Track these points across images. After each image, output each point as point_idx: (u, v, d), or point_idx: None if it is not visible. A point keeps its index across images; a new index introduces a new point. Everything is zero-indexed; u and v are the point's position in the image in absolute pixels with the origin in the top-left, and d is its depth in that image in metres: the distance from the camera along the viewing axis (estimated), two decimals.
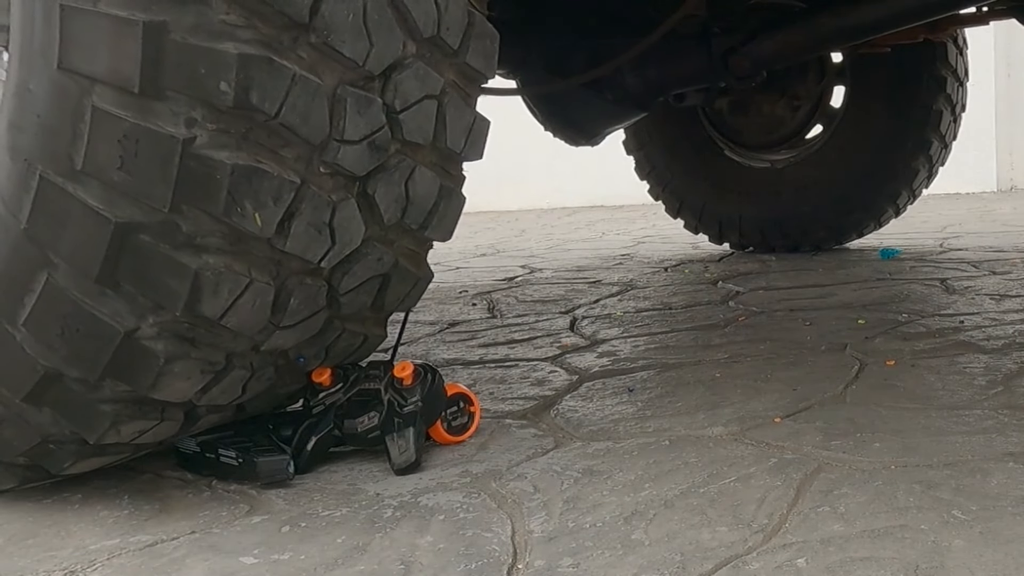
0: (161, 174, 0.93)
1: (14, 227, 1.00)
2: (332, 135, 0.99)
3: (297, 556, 0.99)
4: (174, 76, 0.91)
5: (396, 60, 1.03)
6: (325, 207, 1.02)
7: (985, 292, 2.46)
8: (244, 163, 0.95)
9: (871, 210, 3.48)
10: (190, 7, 0.90)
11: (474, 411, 1.33)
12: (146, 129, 0.92)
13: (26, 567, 1.00)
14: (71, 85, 0.93)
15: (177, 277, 0.98)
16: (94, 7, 0.91)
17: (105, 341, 1.00)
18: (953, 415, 1.34)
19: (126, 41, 0.90)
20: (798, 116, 3.54)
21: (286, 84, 0.94)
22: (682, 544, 0.96)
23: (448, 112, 1.10)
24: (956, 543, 0.92)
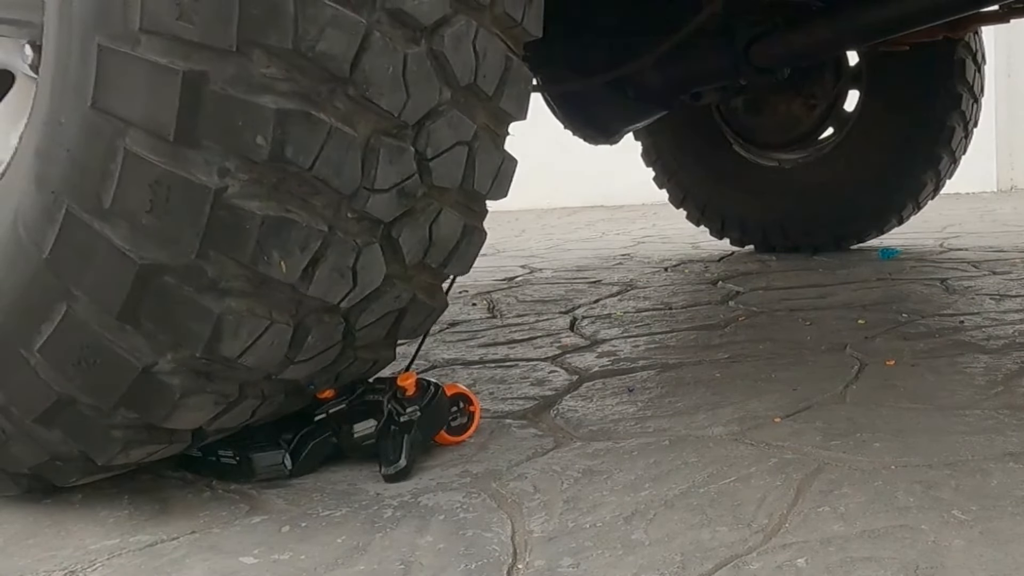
0: (191, 221, 0.93)
1: (35, 256, 0.99)
2: (363, 184, 0.98)
3: (297, 556, 0.99)
4: (211, 126, 0.90)
5: (431, 109, 1.02)
6: (350, 252, 1.01)
7: (985, 292, 2.46)
8: (274, 214, 0.94)
9: (875, 218, 3.48)
10: (231, 59, 0.89)
11: (474, 411, 1.33)
12: (179, 177, 0.91)
13: (26, 567, 1.00)
14: (104, 125, 0.92)
15: (199, 320, 0.97)
16: (133, 51, 0.90)
17: (122, 374, 1.00)
18: (953, 415, 1.34)
19: (165, 88, 0.89)
20: (811, 117, 3.52)
21: (322, 138, 0.93)
22: (682, 544, 0.96)
23: (478, 156, 1.09)
24: (956, 543, 0.92)
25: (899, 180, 3.35)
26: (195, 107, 0.90)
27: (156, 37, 0.89)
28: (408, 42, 0.97)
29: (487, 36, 1.05)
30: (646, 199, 8.50)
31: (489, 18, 1.05)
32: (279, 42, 0.89)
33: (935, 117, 3.23)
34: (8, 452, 1.10)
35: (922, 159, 3.30)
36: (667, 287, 2.94)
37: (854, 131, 3.39)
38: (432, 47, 0.99)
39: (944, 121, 3.23)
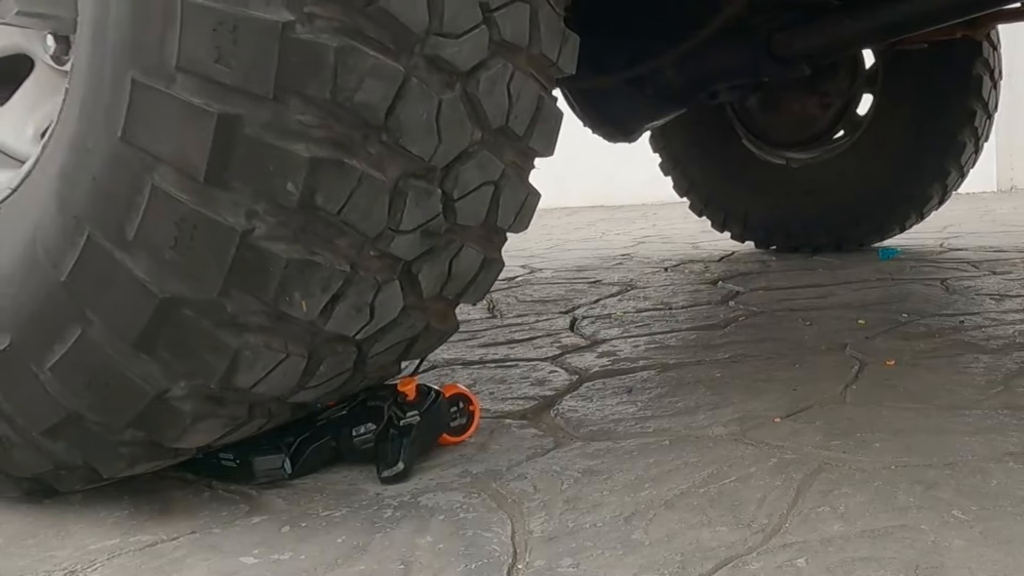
0: (215, 260, 0.92)
1: (52, 276, 0.98)
2: (388, 225, 0.98)
3: (297, 556, 0.99)
4: (242, 170, 0.89)
5: (462, 152, 1.01)
6: (370, 289, 1.01)
7: (985, 292, 2.46)
8: (299, 257, 0.94)
9: (878, 224, 3.47)
10: (267, 105, 0.88)
11: (474, 411, 1.33)
12: (206, 216, 0.91)
13: (26, 567, 1.00)
14: (133, 158, 0.91)
15: (216, 353, 0.97)
16: (167, 88, 0.88)
17: (134, 398, 1.00)
18: (953, 415, 1.34)
19: (197, 129, 0.88)
20: (825, 117, 3.50)
21: (352, 185, 0.93)
22: (682, 544, 0.96)
23: (503, 194, 1.09)
24: (956, 543, 0.92)
25: (905, 190, 3.34)
26: (227, 150, 0.88)
27: (192, 77, 0.88)
28: (444, 87, 0.96)
29: (522, 78, 1.03)
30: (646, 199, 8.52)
31: (525, 59, 1.04)
32: (317, 91, 0.88)
33: (947, 131, 3.21)
34: (11, 458, 1.10)
35: (930, 171, 3.29)
36: (667, 287, 2.94)
37: (865, 136, 3.38)
38: (467, 90, 0.98)
39: (956, 136, 3.21)
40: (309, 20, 0.87)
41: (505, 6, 0.99)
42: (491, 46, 0.99)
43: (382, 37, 0.90)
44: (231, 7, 0.86)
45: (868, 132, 3.38)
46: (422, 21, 0.92)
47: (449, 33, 0.94)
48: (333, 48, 0.87)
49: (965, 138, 3.23)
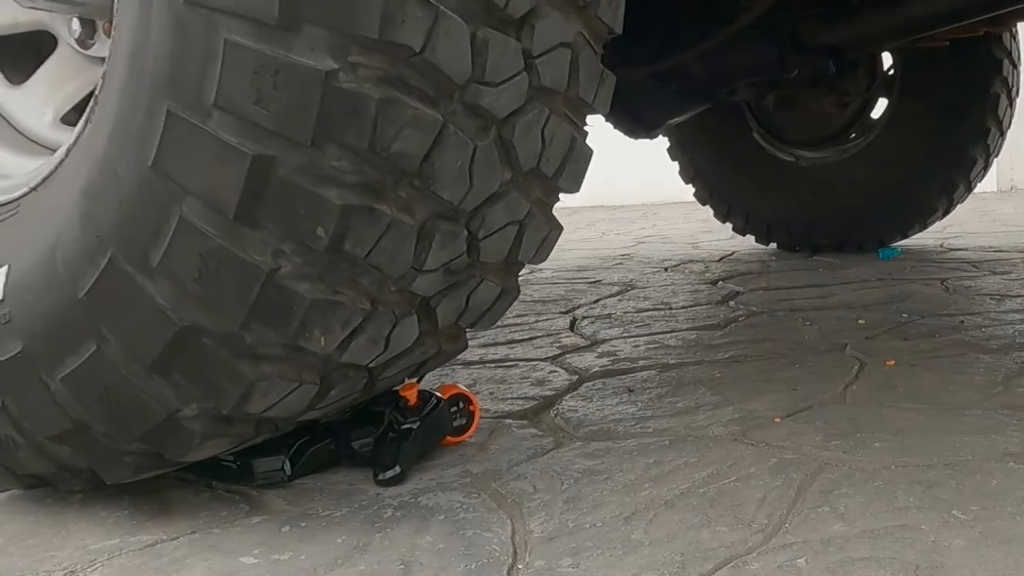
0: (238, 296, 0.92)
1: (70, 291, 0.98)
2: (413, 265, 0.97)
3: (297, 556, 0.99)
4: (272, 210, 0.89)
5: (491, 195, 1.01)
6: (388, 323, 1.01)
7: (985, 292, 2.46)
8: (322, 297, 0.93)
9: (879, 230, 3.47)
10: (303, 150, 0.87)
11: (474, 411, 1.33)
12: (232, 253, 0.90)
13: (26, 567, 1.00)
14: (162, 189, 0.90)
15: (232, 382, 0.97)
16: (203, 124, 0.87)
17: (144, 417, 1.00)
18: (953, 415, 1.34)
19: (231, 168, 0.87)
20: (839, 118, 3.49)
21: (381, 230, 0.92)
22: (682, 544, 0.96)
23: (527, 231, 1.08)
24: (956, 543, 0.92)
25: (911, 198, 3.34)
26: (259, 190, 0.88)
27: (229, 115, 0.87)
28: (479, 133, 0.95)
29: (557, 121, 1.03)
30: (647, 199, 8.52)
31: (561, 102, 1.03)
32: (355, 141, 0.87)
33: (960, 146, 3.21)
34: (15, 458, 1.10)
35: (939, 183, 3.29)
36: (667, 287, 2.94)
37: (876, 141, 3.37)
38: (502, 135, 0.97)
39: (967, 151, 3.21)
40: (353, 69, 0.85)
41: (547, 52, 0.98)
42: (530, 91, 0.98)
43: (423, 86, 0.88)
44: (275, 51, 0.84)
45: (880, 137, 3.37)
46: (465, 71, 0.90)
47: (490, 82, 0.93)
48: (375, 100, 0.86)
49: (977, 154, 3.22)
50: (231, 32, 0.85)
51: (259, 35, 0.85)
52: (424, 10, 0.85)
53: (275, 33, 0.84)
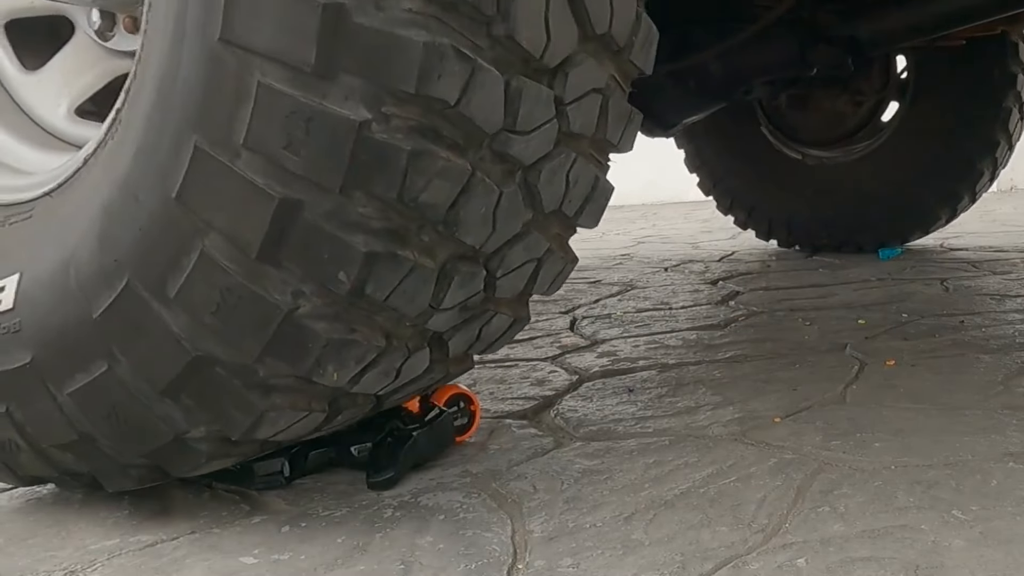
0: (255, 333, 0.92)
1: (84, 309, 0.97)
2: (430, 304, 0.97)
3: (297, 556, 0.99)
4: (295, 253, 0.88)
5: (513, 236, 1.00)
6: (400, 357, 1.01)
7: (985, 292, 2.46)
8: (339, 336, 0.93)
9: (881, 233, 3.46)
10: (331, 196, 0.86)
11: (474, 411, 1.33)
12: (252, 291, 0.90)
13: (26, 567, 1.00)
14: (185, 221, 0.90)
15: (243, 411, 0.97)
16: (231, 163, 0.86)
17: (151, 436, 1.00)
18: (953, 415, 1.34)
19: (256, 208, 0.87)
20: (851, 118, 3.48)
21: (402, 275, 0.92)
22: (682, 544, 0.96)
23: (544, 267, 1.08)
24: (956, 543, 0.92)
25: (916, 205, 3.34)
26: (283, 232, 0.87)
27: (258, 157, 0.86)
28: (505, 178, 0.94)
29: (582, 163, 1.02)
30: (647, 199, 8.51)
31: (588, 145, 1.03)
32: (384, 190, 0.87)
33: (968, 158, 3.21)
34: (17, 460, 1.10)
35: (944, 192, 3.29)
36: (667, 287, 2.94)
37: (886, 145, 3.37)
38: (527, 180, 0.97)
39: (976, 164, 3.21)
40: (386, 120, 0.84)
41: (579, 99, 0.97)
42: (558, 137, 0.97)
43: (454, 136, 0.88)
44: (309, 98, 0.83)
45: (888, 141, 3.36)
46: (497, 121, 0.89)
47: (521, 130, 0.92)
48: (407, 152, 0.85)
49: (984, 167, 3.22)
50: (265, 75, 0.84)
51: (294, 80, 0.83)
52: (462, 64, 0.84)
53: (310, 80, 0.83)
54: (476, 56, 0.85)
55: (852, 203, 3.42)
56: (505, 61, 0.88)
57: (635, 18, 1.01)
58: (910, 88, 3.31)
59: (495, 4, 0.85)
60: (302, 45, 0.82)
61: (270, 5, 0.83)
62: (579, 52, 0.95)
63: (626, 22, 0.99)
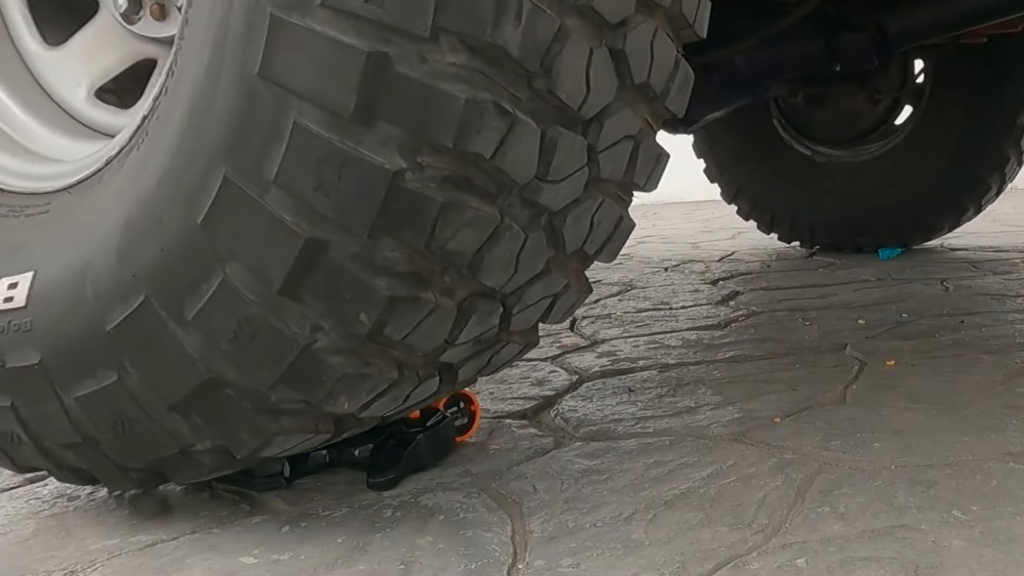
0: (270, 363, 0.91)
1: (98, 321, 0.96)
2: (445, 340, 0.97)
3: (297, 556, 0.99)
4: (317, 290, 0.88)
5: (533, 276, 1.00)
6: (411, 385, 1.01)
7: (985, 292, 2.46)
8: (354, 370, 0.93)
9: (881, 237, 3.46)
10: (358, 240, 0.85)
11: (474, 411, 1.33)
12: (270, 323, 0.89)
13: (26, 567, 1.00)
14: (207, 249, 0.89)
15: (252, 434, 0.97)
16: (260, 197, 0.86)
17: (156, 448, 1.00)
18: (953, 415, 1.34)
19: (282, 244, 0.86)
20: (866, 119, 3.47)
21: (422, 316, 0.92)
22: (682, 544, 0.96)
23: (560, 300, 1.09)
24: (956, 543, 0.92)
25: (920, 212, 3.33)
26: (307, 269, 0.87)
27: (287, 195, 0.85)
28: (531, 223, 0.94)
29: (609, 205, 1.02)
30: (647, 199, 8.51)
31: (615, 187, 1.02)
32: (412, 238, 0.86)
33: (977, 171, 3.20)
34: (17, 453, 1.10)
35: (950, 203, 3.29)
36: (667, 287, 2.94)
37: (896, 150, 3.36)
38: (552, 224, 0.97)
39: (983, 177, 3.21)
40: (420, 169, 0.84)
41: (611, 147, 0.96)
42: (588, 183, 0.97)
43: (486, 185, 0.87)
44: (344, 142, 0.83)
45: (900, 146, 3.36)
46: (530, 172, 0.89)
47: (552, 179, 0.91)
48: (439, 203, 0.85)
49: (992, 182, 3.23)
50: (302, 115, 0.83)
51: (331, 124, 0.82)
52: (501, 119, 0.84)
53: (347, 125, 0.82)
54: (515, 110, 0.84)
55: (857, 204, 3.42)
56: (543, 112, 0.87)
57: (674, 64, 1.00)
58: (925, 94, 3.30)
59: (539, 60, 0.84)
60: (343, 91, 0.81)
61: (313, 47, 0.82)
62: (616, 101, 0.94)
63: (665, 69, 0.98)
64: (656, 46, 0.95)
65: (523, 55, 0.83)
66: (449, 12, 0.80)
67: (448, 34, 0.81)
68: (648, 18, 0.93)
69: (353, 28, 0.80)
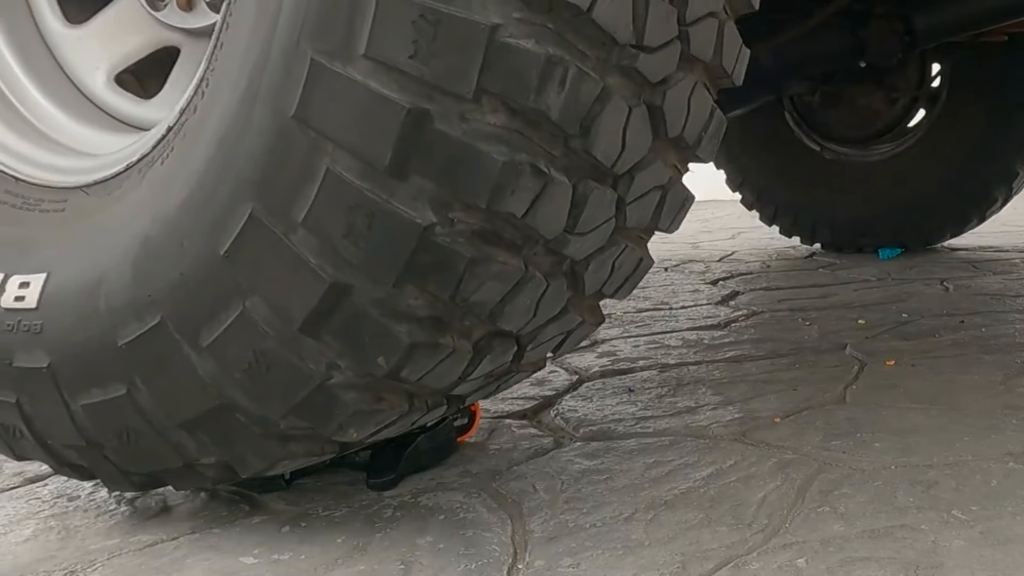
0: (283, 396, 0.91)
1: (109, 335, 0.96)
2: (459, 378, 0.98)
3: (297, 556, 0.99)
4: (337, 330, 0.88)
5: (550, 319, 1.00)
6: (419, 414, 1.02)
7: (985, 292, 2.46)
8: (367, 407, 0.94)
9: (883, 238, 3.46)
10: (383, 287, 0.85)
11: (474, 411, 1.33)
12: (287, 359, 0.89)
13: (26, 567, 1.00)
14: (229, 280, 0.88)
15: (259, 456, 0.98)
16: (285, 236, 0.85)
17: (161, 460, 1.00)
18: (953, 415, 1.34)
19: (305, 285, 0.86)
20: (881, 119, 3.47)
21: (440, 359, 0.92)
22: (682, 544, 0.96)
23: (571, 336, 1.09)
24: (956, 543, 0.92)
25: (923, 216, 3.33)
26: (329, 311, 0.86)
27: (314, 238, 0.84)
28: (553, 270, 0.94)
29: (630, 250, 1.02)
30: None
31: (639, 232, 1.02)
32: (437, 290, 0.86)
33: (983, 181, 3.21)
34: (19, 444, 1.09)
35: (955, 211, 3.29)
36: (667, 287, 2.94)
37: (905, 152, 3.36)
38: (575, 270, 0.97)
39: (990, 189, 3.22)
40: (450, 224, 0.83)
41: (640, 198, 0.96)
42: (614, 233, 0.96)
43: (514, 238, 0.87)
44: (376, 194, 0.82)
45: (910, 150, 3.35)
46: (559, 228, 0.89)
47: (580, 232, 0.91)
48: (467, 258, 0.85)
49: (999, 194, 3.24)
50: (336, 163, 0.82)
51: (364, 174, 0.82)
52: (536, 180, 0.83)
53: (381, 176, 0.81)
54: (550, 169, 0.84)
55: (861, 204, 3.42)
56: (576, 169, 0.87)
57: (708, 115, 1.00)
58: (941, 99, 3.30)
59: (579, 123, 0.83)
60: (379, 143, 0.81)
61: (353, 97, 0.81)
62: (649, 155, 0.93)
63: (700, 121, 0.98)
64: (693, 100, 0.95)
65: (563, 119, 0.82)
66: (494, 75, 0.79)
67: (491, 96, 0.80)
68: (688, 74, 0.92)
69: (395, 82, 0.79)
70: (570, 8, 0.79)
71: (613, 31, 0.82)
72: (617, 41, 0.83)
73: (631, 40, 0.84)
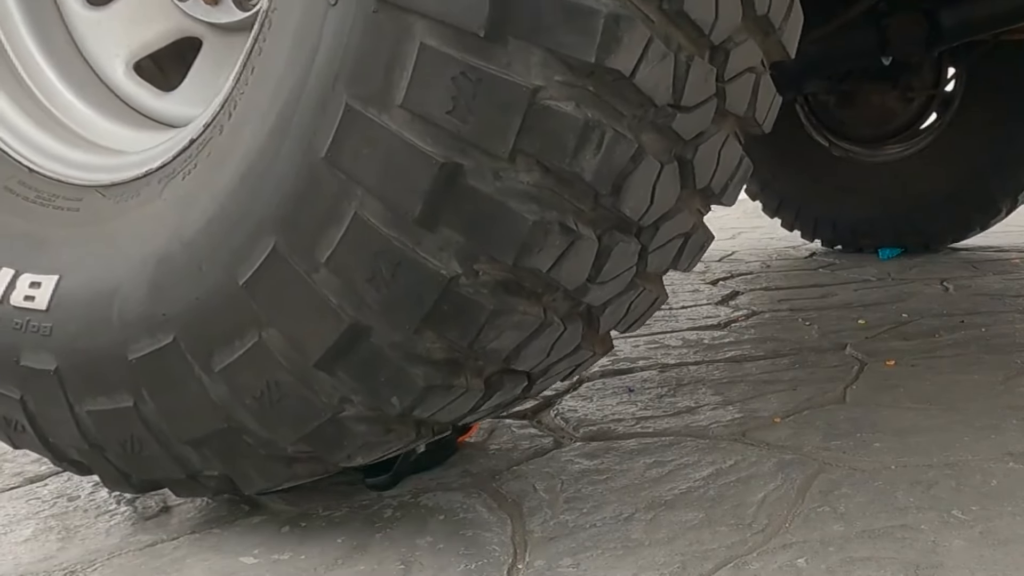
0: (295, 425, 0.92)
1: (120, 348, 0.95)
2: (467, 412, 0.98)
3: (297, 556, 0.99)
4: (352, 368, 0.87)
5: (561, 358, 1.01)
6: (424, 438, 1.02)
7: (985, 292, 2.46)
8: (375, 439, 0.94)
9: (884, 239, 3.45)
10: (402, 332, 0.85)
11: None
12: (300, 391, 0.89)
13: (26, 567, 1.00)
14: (246, 310, 0.88)
15: (262, 476, 0.99)
16: (307, 275, 0.84)
17: (162, 469, 1.01)
18: (953, 415, 1.34)
19: (323, 323, 0.86)
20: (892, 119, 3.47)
21: (452, 399, 0.93)
22: (682, 544, 0.96)
23: (579, 368, 1.10)
24: (956, 543, 0.92)
25: (925, 219, 3.33)
26: (346, 350, 0.87)
27: (337, 279, 0.84)
28: (569, 314, 0.94)
29: (646, 294, 1.02)
30: None
31: (656, 276, 1.03)
32: (457, 338, 0.86)
33: (990, 192, 3.21)
34: (19, 437, 1.09)
35: (958, 218, 3.29)
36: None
37: (915, 155, 3.35)
38: (591, 312, 0.97)
39: (996, 199, 3.22)
40: (475, 275, 0.83)
41: (662, 247, 0.96)
42: (633, 279, 0.97)
43: (535, 287, 0.87)
44: (403, 242, 0.81)
45: (920, 153, 3.35)
46: (581, 280, 0.89)
47: (601, 281, 0.91)
48: (489, 310, 0.85)
49: (1004, 205, 3.24)
50: (364, 208, 0.81)
51: (392, 222, 0.81)
52: (563, 237, 0.83)
53: (409, 226, 0.81)
54: (577, 225, 0.84)
55: (866, 203, 3.41)
56: (602, 222, 0.87)
57: (736, 164, 1.00)
58: (954, 104, 3.29)
59: (611, 183, 0.83)
60: (410, 194, 0.80)
61: (386, 145, 0.80)
62: (674, 209, 0.93)
63: (728, 171, 0.98)
64: (724, 152, 0.95)
65: (596, 180, 0.82)
66: (531, 136, 0.79)
67: (526, 156, 0.79)
68: (721, 128, 0.92)
69: (431, 135, 0.79)
70: (612, 72, 0.78)
71: (653, 94, 0.81)
72: (656, 103, 0.82)
73: (669, 101, 0.83)
